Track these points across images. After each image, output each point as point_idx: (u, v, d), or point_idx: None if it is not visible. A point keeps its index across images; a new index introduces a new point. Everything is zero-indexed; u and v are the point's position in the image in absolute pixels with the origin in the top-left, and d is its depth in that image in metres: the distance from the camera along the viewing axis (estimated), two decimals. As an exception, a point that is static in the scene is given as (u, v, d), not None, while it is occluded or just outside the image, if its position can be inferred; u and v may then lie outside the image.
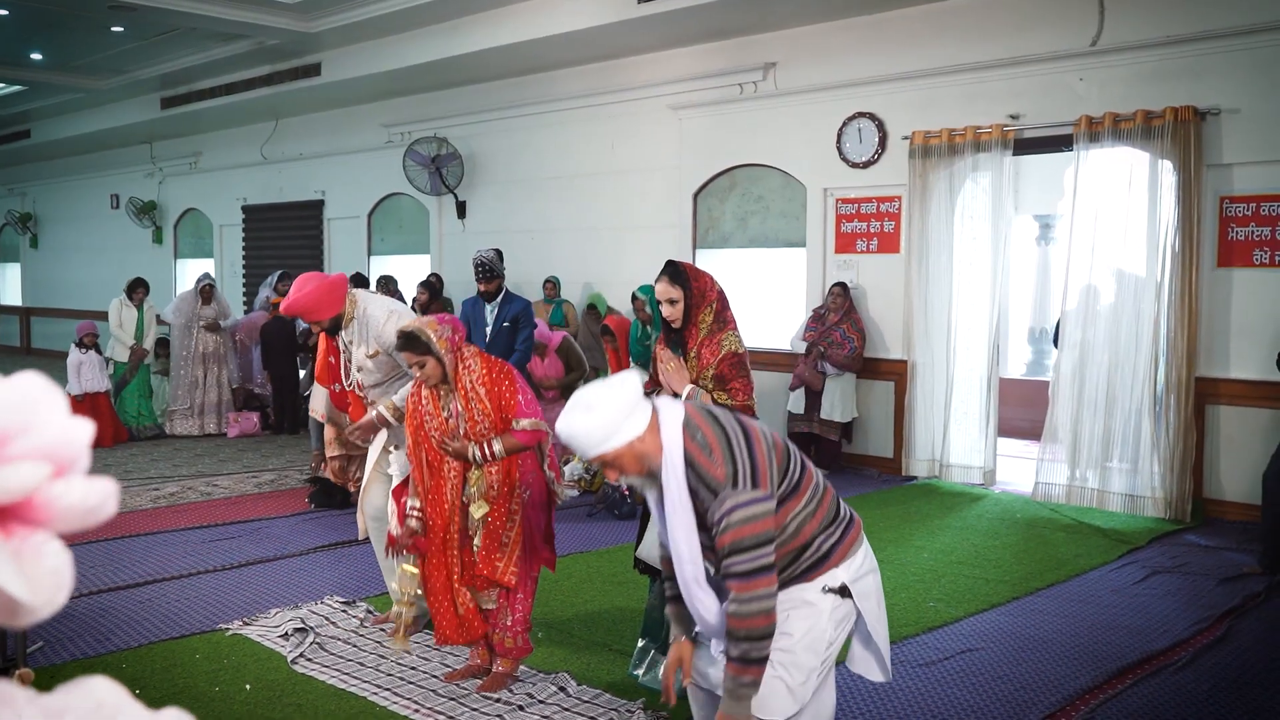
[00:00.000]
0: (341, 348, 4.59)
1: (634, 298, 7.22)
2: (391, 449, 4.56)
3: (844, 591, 2.64)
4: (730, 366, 3.78)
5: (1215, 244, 6.76)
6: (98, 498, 0.60)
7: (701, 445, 2.45)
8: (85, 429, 0.61)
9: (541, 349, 7.98)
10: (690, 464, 2.43)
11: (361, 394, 4.65)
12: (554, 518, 4.12)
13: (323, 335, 4.73)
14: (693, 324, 3.83)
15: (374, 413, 4.48)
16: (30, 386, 0.61)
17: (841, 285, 8.14)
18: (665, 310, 3.85)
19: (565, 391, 8.07)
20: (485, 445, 3.80)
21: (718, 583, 2.53)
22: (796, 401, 8.22)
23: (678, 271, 3.85)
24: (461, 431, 3.82)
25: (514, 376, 3.89)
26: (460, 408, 3.81)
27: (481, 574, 3.84)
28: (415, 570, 3.92)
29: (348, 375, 4.61)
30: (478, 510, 3.83)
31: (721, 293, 3.91)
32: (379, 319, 4.47)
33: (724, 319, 3.87)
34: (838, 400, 8.09)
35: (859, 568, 2.68)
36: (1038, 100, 7.42)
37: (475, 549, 3.85)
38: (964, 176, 7.73)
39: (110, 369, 10.03)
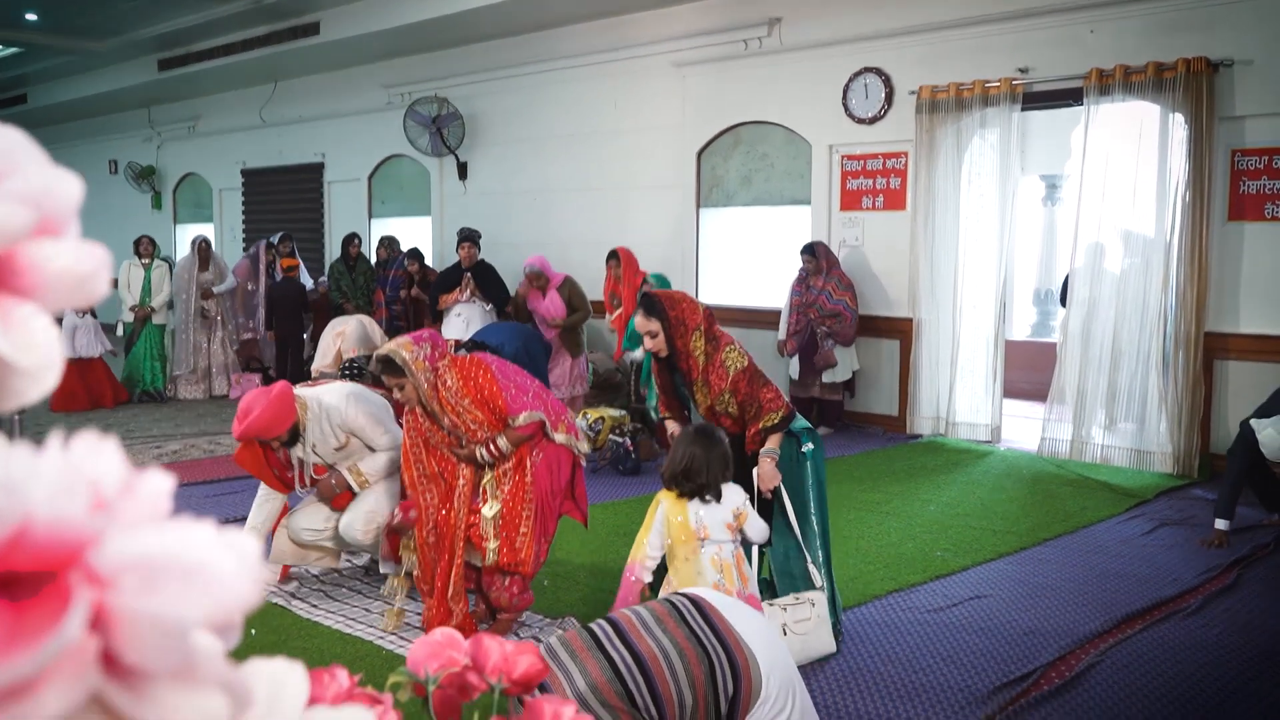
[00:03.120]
0: (298, 456, 4.31)
1: (644, 281, 7.11)
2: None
3: None
4: (748, 384, 3.69)
5: (1226, 198, 6.68)
6: (90, 264, 0.55)
7: None
8: (75, 185, 0.56)
9: (543, 283, 8.02)
10: None
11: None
12: (582, 476, 4.10)
13: (258, 450, 4.31)
14: (687, 355, 3.72)
15: (335, 477, 4.32)
16: (9, 134, 0.55)
17: (809, 250, 7.94)
18: (648, 343, 3.75)
19: (566, 334, 8.08)
20: (490, 446, 3.80)
21: None
22: (794, 366, 8.15)
23: (652, 303, 3.73)
24: (464, 441, 3.82)
25: (489, 369, 3.84)
26: (452, 422, 3.80)
27: (504, 564, 3.82)
28: (408, 581, 3.95)
29: (304, 479, 4.35)
30: (490, 510, 3.82)
31: (707, 312, 3.79)
32: (340, 407, 4.24)
33: (715, 337, 3.76)
34: (837, 364, 8.01)
35: (760, 718, 2.48)
36: (1047, 53, 7.32)
37: (491, 549, 3.82)
38: (971, 132, 7.63)
39: (120, 330, 9.99)
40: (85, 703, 0.37)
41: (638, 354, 7.22)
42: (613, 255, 8.10)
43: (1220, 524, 5.08)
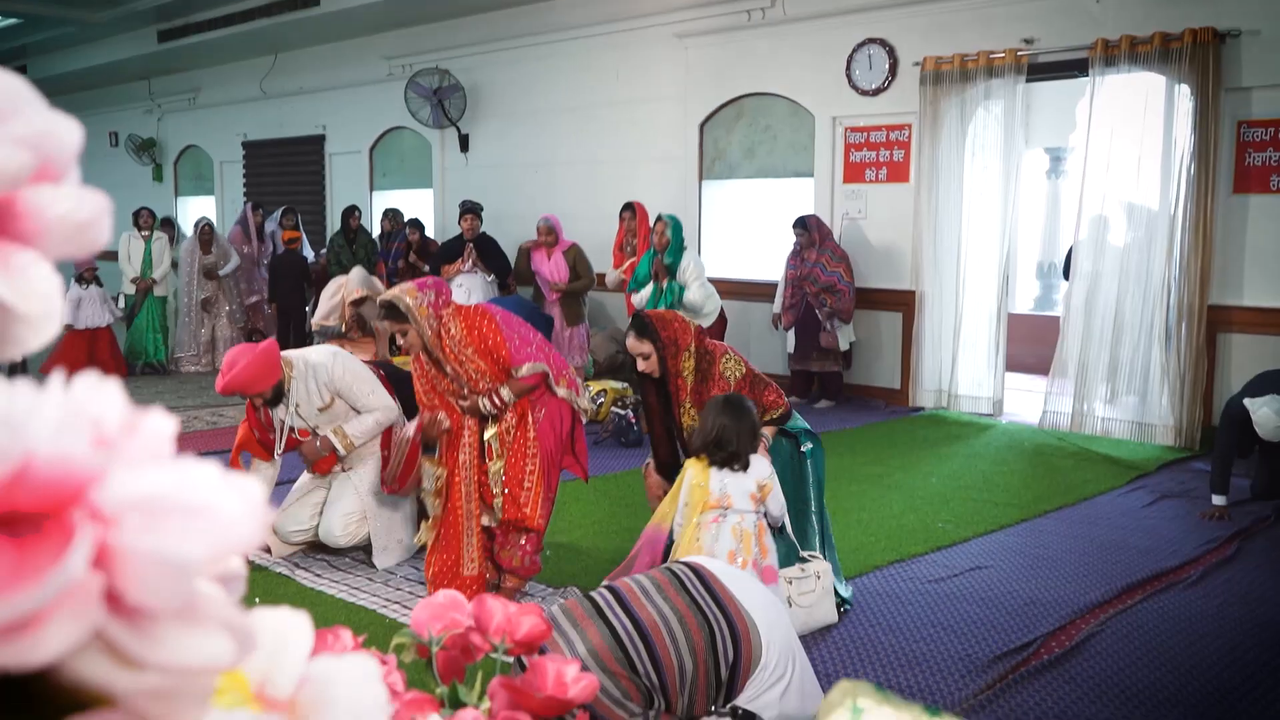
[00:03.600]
0: (280, 418, 4.32)
1: (658, 218, 7.27)
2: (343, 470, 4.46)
3: (736, 712, 2.50)
4: (750, 390, 3.70)
5: (1231, 170, 6.65)
6: (90, 211, 0.54)
7: None
8: (75, 129, 0.55)
9: (553, 240, 8.16)
10: None
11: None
12: (582, 432, 4.10)
13: (245, 424, 4.43)
14: (676, 375, 3.71)
15: (318, 441, 4.31)
16: (8, 79, 0.55)
17: (801, 224, 7.93)
18: (640, 365, 3.74)
19: (566, 301, 8.12)
20: (493, 396, 3.80)
21: None
22: (790, 340, 8.15)
23: (644, 325, 3.71)
24: (466, 390, 3.83)
25: (494, 319, 3.83)
26: (455, 370, 3.81)
27: (511, 519, 3.85)
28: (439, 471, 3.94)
29: (284, 440, 4.35)
30: (495, 465, 3.86)
31: (698, 329, 3.79)
32: (326, 364, 4.25)
33: (707, 351, 3.75)
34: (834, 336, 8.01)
35: (759, 685, 2.50)
36: (1053, 23, 7.26)
37: (498, 505, 3.86)
38: (976, 104, 7.59)
39: (122, 303, 9.98)
40: (89, 640, 0.37)
41: (644, 294, 7.25)
42: (628, 207, 8.23)
43: (1217, 499, 5.10)
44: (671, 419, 3.83)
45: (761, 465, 3.46)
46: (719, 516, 3.38)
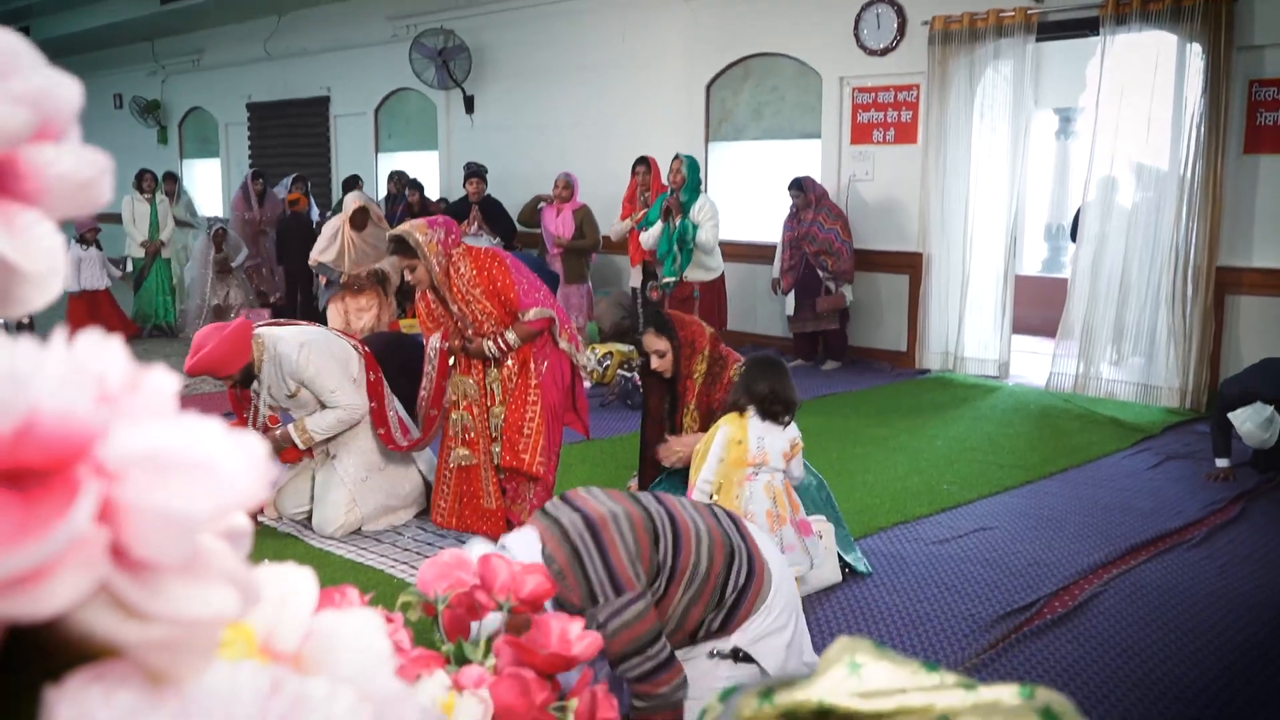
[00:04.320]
0: (253, 396, 4.29)
1: (675, 156, 7.24)
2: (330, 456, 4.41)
3: (737, 654, 2.52)
4: None
5: (1243, 130, 6.59)
6: (91, 170, 0.54)
7: (556, 575, 2.27)
8: (75, 88, 0.55)
9: (568, 195, 8.17)
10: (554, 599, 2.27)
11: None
12: (582, 388, 4.12)
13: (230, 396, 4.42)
14: (686, 376, 3.70)
15: (280, 430, 4.27)
16: (7, 36, 0.55)
17: (797, 185, 7.88)
18: (655, 362, 3.73)
19: (569, 255, 8.13)
20: (498, 339, 3.81)
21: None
22: (789, 303, 8.14)
23: (663, 322, 3.70)
24: (470, 331, 3.84)
25: (504, 262, 3.84)
26: (460, 310, 3.81)
27: (508, 466, 3.89)
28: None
29: (256, 420, 4.30)
30: (496, 410, 3.92)
31: (713, 335, 3.79)
32: (291, 356, 4.15)
33: (721, 356, 3.74)
34: (845, 304, 7.99)
35: (761, 627, 2.53)
36: (1064, -19, 7.17)
37: (495, 452, 3.91)
38: (985, 64, 7.51)
39: (129, 266, 9.98)
40: (95, 593, 0.37)
41: (653, 231, 7.22)
42: (642, 161, 8.09)
43: (1221, 462, 5.13)
44: (672, 423, 3.83)
45: (793, 425, 3.49)
46: (751, 475, 3.39)
